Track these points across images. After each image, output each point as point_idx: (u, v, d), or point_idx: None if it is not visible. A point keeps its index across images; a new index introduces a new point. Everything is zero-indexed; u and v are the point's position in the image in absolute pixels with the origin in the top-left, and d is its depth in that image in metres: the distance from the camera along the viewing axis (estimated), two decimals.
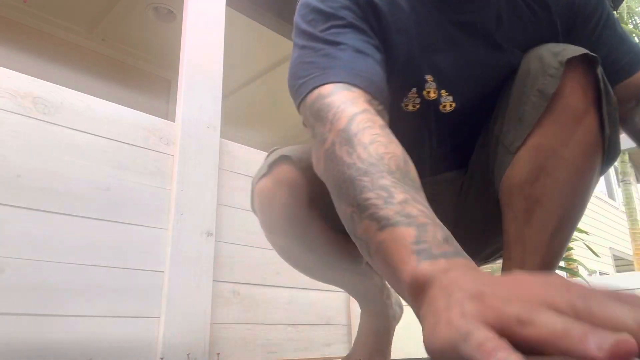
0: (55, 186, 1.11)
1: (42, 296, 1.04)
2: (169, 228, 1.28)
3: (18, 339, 0.99)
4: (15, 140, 1.08)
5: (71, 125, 1.17)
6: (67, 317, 1.07)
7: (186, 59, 1.46)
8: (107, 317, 1.12)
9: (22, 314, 1.01)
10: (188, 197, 1.33)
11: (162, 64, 2.87)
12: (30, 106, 1.12)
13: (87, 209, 1.15)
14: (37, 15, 2.45)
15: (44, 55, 2.32)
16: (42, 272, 1.05)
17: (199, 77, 1.47)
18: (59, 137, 1.14)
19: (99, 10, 2.44)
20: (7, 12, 2.37)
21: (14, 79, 1.11)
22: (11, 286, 1.00)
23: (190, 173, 1.36)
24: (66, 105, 1.18)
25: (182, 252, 1.27)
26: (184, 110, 1.40)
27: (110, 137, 1.23)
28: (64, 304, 1.06)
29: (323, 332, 1.60)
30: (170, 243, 1.26)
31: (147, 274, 1.22)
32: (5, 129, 1.07)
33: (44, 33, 2.48)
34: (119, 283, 1.16)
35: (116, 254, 1.17)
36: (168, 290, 1.22)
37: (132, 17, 2.51)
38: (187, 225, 1.30)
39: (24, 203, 1.06)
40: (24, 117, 1.10)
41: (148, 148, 1.31)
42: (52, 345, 1.03)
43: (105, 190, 1.19)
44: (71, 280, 1.08)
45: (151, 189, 1.28)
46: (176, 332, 1.21)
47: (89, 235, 1.14)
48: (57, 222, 1.09)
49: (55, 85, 1.17)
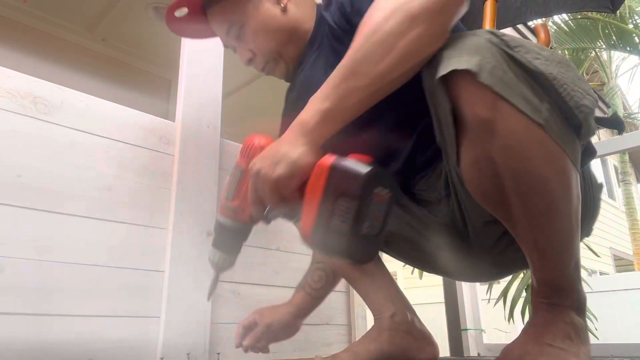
0: (55, 186, 1.11)
1: (42, 296, 1.04)
2: (169, 228, 1.28)
3: (18, 339, 0.99)
4: (15, 140, 1.08)
5: (71, 125, 1.17)
6: (67, 317, 1.07)
7: (186, 59, 1.46)
8: (107, 317, 1.12)
9: (22, 313, 1.01)
10: (188, 197, 1.33)
11: (162, 64, 2.87)
12: (30, 106, 1.12)
13: (87, 209, 1.15)
14: (37, 15, 2.44)
15: (44, 55, 2.32)
16: (42, 272, 1.05)
17: (199, 77, 1.47)
18: (59, 137, 1.15)
19: (99, 10, 2.44)
20: (7, 12, 2.37)
21: (14, 79, 1.11)
22: (11, 286, 1.00)
23: (190, 173, 1.36)
24: (66, 105, 1.18)
25: (182, 252, 1.27)
26: (184, 110, 1.40)
27: (110, 137, 1.23)
28: (64, 304, 1.06)
29: (323, 332, 1.61)
30: (170, 243, 1.26)
31: (147, 274, 1.22)
32: (5, 129, 1.07)
33: (44, 33, 2.48)
34: (119, 283, 1.16)
35: (116, 254, 1.17)
36: (168, 290, 1.22)
37: (132, 17, 2.51)
38: (187, 225, 1.30)
39: (24, 203, 1.06)
40: (24, 117, 1.10)
41: (148, 148, 1.31)
42: (52, 345, 1.03)
43: (105, 190, 1.19)
44: (71, 280, 1.09)
45: (151, 189, 1.28)
46: (176, 332, 1.21)
47: (89, 235, 1.14)
48: (57, 222, 1.09)
49: (55, 85, 1.17)
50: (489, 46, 0.66)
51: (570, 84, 0.67)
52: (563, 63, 0.69)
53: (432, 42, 0.69)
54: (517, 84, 0.66)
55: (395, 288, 1.05)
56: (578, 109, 0.67)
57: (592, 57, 9.38)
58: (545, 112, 0.66)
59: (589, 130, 0.70)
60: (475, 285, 2.33)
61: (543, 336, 0.73)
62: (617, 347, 1.65)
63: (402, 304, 1.02)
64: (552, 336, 0.72)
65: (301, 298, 1.18)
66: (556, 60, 0.68)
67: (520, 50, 0.66)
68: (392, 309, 1.00)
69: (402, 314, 0.99)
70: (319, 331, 1.59)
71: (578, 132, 0.69)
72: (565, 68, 0.68)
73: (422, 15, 0.67)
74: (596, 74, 10.10)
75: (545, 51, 0.69)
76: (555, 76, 0.66)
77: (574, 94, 0.67)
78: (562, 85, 0.66)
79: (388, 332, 0.98)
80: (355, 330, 1.69)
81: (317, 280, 1.18)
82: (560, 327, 0.73)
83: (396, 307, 1.00)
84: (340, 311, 1.69)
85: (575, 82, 0.68)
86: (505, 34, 0.68)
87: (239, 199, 0.82)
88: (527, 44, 0.68)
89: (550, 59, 0.68)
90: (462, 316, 2.22)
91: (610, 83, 9.59)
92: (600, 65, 9.59)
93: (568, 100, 0.66)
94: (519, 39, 0.69)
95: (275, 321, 1.14)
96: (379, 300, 1.03)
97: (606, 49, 8.82)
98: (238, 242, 0.87)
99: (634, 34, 7.74)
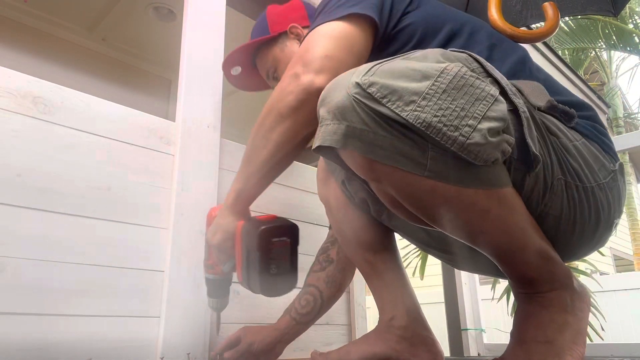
0: (55, 186, 1.11)
1: (42, 296, 1.04)
2: (169, 228, 1.28)
3: (18, 339, 0.99)
4: (15, 140, 1.08)
5: (71, 125, 1.17)
6: (67, 317, 1.07)
7: (186, 58, 1.46)
8: (107, 317, 1.12)
9: (22, 313, 1.01)
10: (188, 197, 1.33)
11: (162, 64, 2.87)
12: (30, 106, 1.12)
13: (87, 209, 1.15)
14: (37, 15, 2.45)
15: (44, 55, 2.32)
16: (42, 272, 1.05)
17: (199, 77, 1.47)
18: (59, 137, 1.15)
19: (99, 10, 2.44)
20: (7, 12, 2.37)
21: (14, 79, 1.11)
22: (11, 286, 1.00)
23: (190, 173, 1.36)
24: (66, 105, 1.18)
25: (182, 252, 1.27)
26: (184, 110, 1.40)
27: (110, 136, 1.23)
28: (64, 304, 1.06)
29: (323, 332, 1.61)
30: (170, 243, 1.26)
31: (147, 274, 1.22)
32: (5, 128, 1.07)
33: (44, 33, 2.48)
34: (119, 283, 1.16)
35: (116, 254, 1.17)
36: (168, 290, 1.22)
37: (132, 17, 2.51)
38: (187, 225, 1.30)
39: (24, 203, 1.06)
40: (24, 117, 1.10)
41: (148, 148, 1.31)
42: (52, 345, 1.03)
43: (105, 190, 1.19)
44: (71, 280, 1.09)
45: (151, 188, 1.28)
46: (176, 332, 1.21)
47: (89, 235, 1.14)
48: (57, 222, 1.09)
49: (55, 85, 1.17)
50: (353, 107, 0.64)
51: (452, 123, 0.62)
52: (450, 90, 0.63)
53: (298, 133, 0.83)
54: (391, 142, 0.63)
55: (403, 290, 1.02)
56: (464, 151, 0.62)
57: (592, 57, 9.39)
58: (430, 162, 0.64)
59: (490, 159, 0.64)
60: (476, 285, 2.33)
61: (527, 333, 0.73)
62: (617, 347, 1.65)
63: (405, 307, 1.00)
64: (534, 331, 0.72)
65: (286, 323, 1.17)
66: (440, 90, 0.63)
67: (389, 100, 0.62)
68: (392, 313, 0.99)
69: (401, 318, 0.98)
70: (319, 331, 1.59)
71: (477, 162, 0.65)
72: (452, 96, 0.63)
73: (287, 112, 0.82)
74: (596, 74, 10.10)
75: (427, 81, 0.64)
76: (430, 123, 0.62)
77: (457, 135, 0.62)
78: (440, 131, 0.62)
79: (384, 335, 0.98)
80: (355, 330, 1.69)
81: (304, 305, 1.17)
82: (541, 318, 0.73)
83: (397, 310, 0.99)
84: (341, 311, 1.69)
85: (462, 114, 0.62)
86: (375, 81, 0.63)
87: (212, 259, 1.04)
88: (401, 88, 0.63)
89: (431, 94, 0.63)
90: (462, 316, 2.22)
91: (610, 83, 9.59)
92: (600, 65, 9.59)
93: (450, 145, 0.62)
94: (391, 84, 0.63)
95: (257, 342, 1.14)
96: (382, 301, 1.02)
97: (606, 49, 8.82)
98: (224, 288, 1.09)
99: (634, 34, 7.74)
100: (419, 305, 1.03)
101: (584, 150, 0.78)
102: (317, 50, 0.82)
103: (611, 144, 0.84)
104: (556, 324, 0.72)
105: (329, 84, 0.71)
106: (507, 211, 0.70)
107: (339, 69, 0.78)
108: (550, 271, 0.74)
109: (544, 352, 0.70)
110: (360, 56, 0.85)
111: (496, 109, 0.64)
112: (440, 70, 0.65)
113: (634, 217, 8.80)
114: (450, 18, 0.92)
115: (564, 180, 0.75)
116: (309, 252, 1.61)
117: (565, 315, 0.72)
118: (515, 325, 0.76)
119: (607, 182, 0.78)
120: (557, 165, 0.74)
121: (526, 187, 0.73)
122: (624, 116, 10.17)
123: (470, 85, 0.65)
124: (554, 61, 3.59)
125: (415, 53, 0.71)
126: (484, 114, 0.63)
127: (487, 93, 0.65)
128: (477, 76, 0.67)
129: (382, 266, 1.03)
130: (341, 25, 0.84)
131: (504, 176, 0.69)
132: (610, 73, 9.61)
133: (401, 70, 0.65)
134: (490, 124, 0.63)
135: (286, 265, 0.91)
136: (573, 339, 0.71)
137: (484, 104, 0.64)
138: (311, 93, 0.79)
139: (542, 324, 0.72)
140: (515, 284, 0.78)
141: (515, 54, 0.89)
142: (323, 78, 0.79)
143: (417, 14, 0.91)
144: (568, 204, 0.75)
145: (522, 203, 0.73)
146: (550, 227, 0.77)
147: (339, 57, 0.81)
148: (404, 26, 0.89)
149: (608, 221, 0.80)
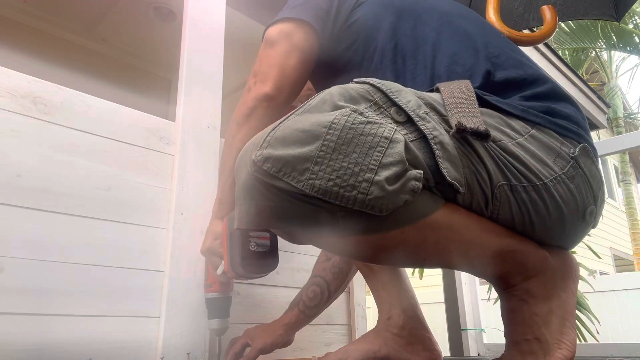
0: (55, 186, 1.11)
1: (42, 296, 1.04)
2: (169, 228, 1.28)
3: (18, 339, 0.99)
4: (15, 140, 1.08)
5: (71, 125, 1.17)
6: (67, 317, 1.07)
7: (186, 58, 1.46)
8: (107, 317, 1.12)
9: (22, 313, 1.01)
10: (188, 197, 1.33)
11: (162, 64, 2.87)
12: (30, 106, 1.12)
13: (87, 209, 1.15)
14: (37, 15, 2.44)
15: (44, 55, 2.31)
16: (42, 272, 1.05)
17: (199, 77, 1.47)
18: (59, 137, 1.15)
19: (99, 10, 2.44)
20: (7, 12, 2.37)
21: (14, 79, 1.11)
22: (11, 286, 1.00)
23: (190, 173, 1.36)
24: (66, 105, 1.18)
25: (182, 252, 1.27)
26: (184, 110, 1.40)
27: (110, 136, 1.23)
28: (64, 304, 1.06)
29: (323, 332, 1.61)
30: (170, 243, 1.26)
31: (147, 274, 1.22)
32: (5, 128, 1.07)
33: (44, 33, 2.48)
34: (119, 283, 1.16)
35: (116, 254, 1.17)
36: (168, 290, 1.22)
37: (132, 17, 2.51)
38: (187, 225, 1.30)
39: (24, 203, 1.06)
40: (24, 117, 1.10)
41: (148, 148, 1.31)
42: (52, 346, 1.03)
43: (105, 190, 1.19)
44: (71, 280, 1.08)
45: (151, 189, 1.28)
46: (176, 332, 1.21)
47: (89, 235, 1.14)
48: (57, 222, 1.09)
49: (55, 85, 1.17)
50: (255, 186, 0.63)
51: (348, 183, 0.60)
52: (340, 147, 0.60)
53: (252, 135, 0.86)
54: (300, 212, 0.62)
55: (400, 289, 1.03)
56: (367, 207, 0.60)
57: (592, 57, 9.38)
58: (342, 222, 0.62)
59: (399, 205, 0.61)
60: (476, 285, 2.33)
61: (515, 332, 0.73)
62: (617, 347, 1.65)
63: (402, 307, 1.00)
64: (521, 328, 0.72)
65: (295, 316, 1.18)
66: (330, 150, 0.60)
67: (284, 173, 0.61)
68: (389, 312, 1.00)
69: (398, 317, 0.99)
70: (319, 331, 1.59)
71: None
72: (343, 153, 0.60)
73: (242, 120, 0.94)
74: (596, 74, 10.10)
75: (317, 142, 0.61)
76: (325, 189, 0.59)
77: (355, 194, 0.60)
78: (337, 194, 0.60)
79: (382, 334, 0.99)
80: (356, 330, 1.69)
81: (312, 297, 1.19)
82: (523, 314, 0.72)
83: (394, 310, 1.00)
84: (340, 311, 1.69)
85: (357, 170, 0.60)
86: (268, 155, 0.61)
87: (210, 277, 1.11)
88: (293, 158, 0.61)
89: (322, 156, 0.60)
90: (462, 316, 2.22)
91: (610, 83, 9.59)
92: (600, 65, 9.59)
93: (352, 206, 0.60)
94: (284, 155, 0.61)
95: (268, 345, 1.15)
96: (380, 300, 1.03)
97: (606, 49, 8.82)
98: (225, 308, 1.13)
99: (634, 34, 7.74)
100: (418, 304, 1.03)
101: (532, 144, 0.71)
102: (262, 61, 0.94)
103: (570, 125, 0.75)
104: (539, 317, 0.71)
105: (237, 160, 0.70)
106: (445, 232, 0.67)
107: (283, 73, 0.91)
108: (519, 262, 0.72)
109: (535, 350, 0.70)
110: (305, 56, 0.93)
111: (392, 152, 0.61)
112: (327, 126, 0.61)
113: (634, 217, 8.79)
114: (398, 2, 0.92)
115: (508, 185, 0.69)
116: (309, 252, 1.61)
117: (547, 303, 0.71)
118: (504, 325, 0.76)
119: (566, 172, 0.71)
120: (497, 171, 0.68)
121: (463, 203, 0.69)
122: (624, 116, 10.18)
123: (360, 135, 0.61)
124: (554, 61, 3.58)
125: (315, 99, 0.67)
126: (379, 162, 0.60)
127: (380, 137, 0.61)
128: (367, 119, 0.63)
129: (380, 266, 1.04)
130: (284, 28, 0.93)
131: (427, 205, 0.65)
132: (611, 73, 9.62)
133: (292, 135, 0.62)
134: (388, 172, 0.60)
135: (265, 242, 0.97)
136: (560, 329, 0.70)
137: (378, 152, 0.61)
138: (259, 99, 0.92)
139: (526, 320, 0.72)
140: (492, 284, 0.78)
141: (464, 33, 0.84)
142: (269, 84, 0.91)
143: (365, 7, 0.93)
144: (519, 208, 0.70)
145: (462, 214, 0.69)
146: (507, 229, 0.73)
147: (280, 62, 0.91)
148: (354, 20, 0.93)
149: (577, 212, 0.73)
